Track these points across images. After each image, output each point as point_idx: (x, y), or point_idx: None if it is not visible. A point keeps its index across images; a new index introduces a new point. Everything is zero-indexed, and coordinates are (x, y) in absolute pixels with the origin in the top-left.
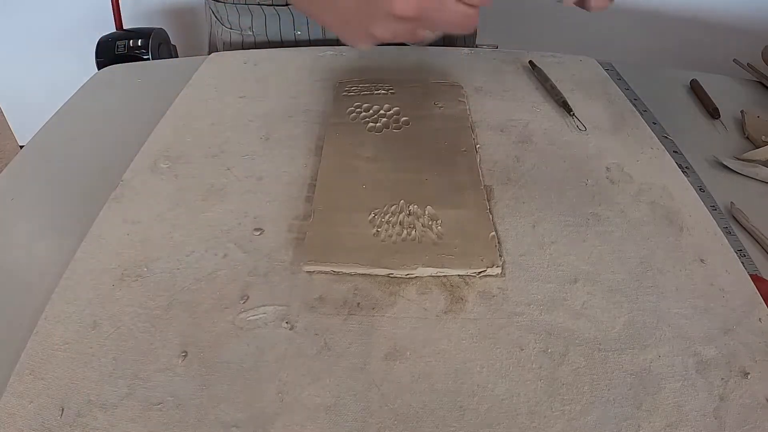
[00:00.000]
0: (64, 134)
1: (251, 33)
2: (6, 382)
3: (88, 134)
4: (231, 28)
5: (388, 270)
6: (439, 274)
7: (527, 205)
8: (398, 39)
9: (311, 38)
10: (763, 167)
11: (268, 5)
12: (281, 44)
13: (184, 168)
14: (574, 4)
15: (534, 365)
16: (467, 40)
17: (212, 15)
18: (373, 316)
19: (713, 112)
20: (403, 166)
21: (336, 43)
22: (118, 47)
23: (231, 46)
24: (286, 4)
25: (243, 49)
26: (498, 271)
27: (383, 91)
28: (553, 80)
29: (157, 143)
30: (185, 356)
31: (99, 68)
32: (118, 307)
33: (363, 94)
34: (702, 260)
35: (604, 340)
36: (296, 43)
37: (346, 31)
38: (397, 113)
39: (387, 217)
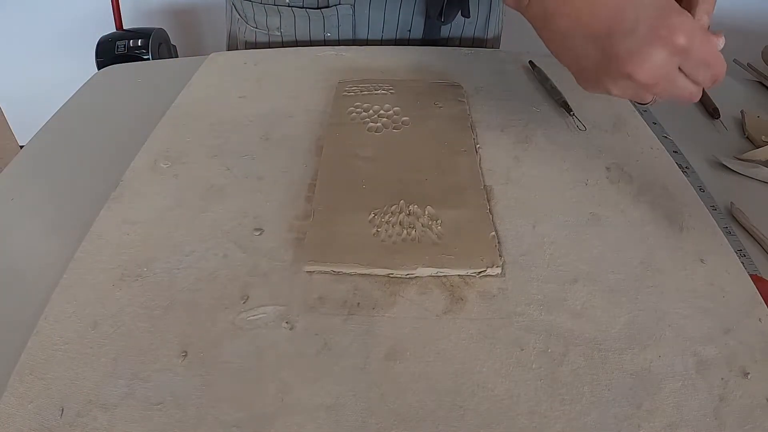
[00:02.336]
0: (64, 134)
1: (279, 33)
2: (6, 382)
3: (88, 134)
4: (257, 28)
5: (388, 270)
6: (439, 274)
7: (527, 205)
8: (626, 97)
9: (340, 39)
10: (763, 167)
11: (299, 7)
12: (310, 45)
13: (184, 168)
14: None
15: (534, 365)
16: (494, 45)
17: (237, 14)
18: (373, 316)
19: (713, 112)
20: (403, 166)
21: (345, 43)
22: (118, 47)
23: (256, 46)
24: (318, 7)
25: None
26: (498, 271)
27: (383, 91)
28: (553, 80)
29: (157, 143)
30: (185, 356)
31: (99, 68)
32: (118, 307)
33: (363, 94)
34: (702, 260)
35: (604, 340)
36: (324, 43)
37: (580, 77)
38: (397, 113)
39: (387, 217)
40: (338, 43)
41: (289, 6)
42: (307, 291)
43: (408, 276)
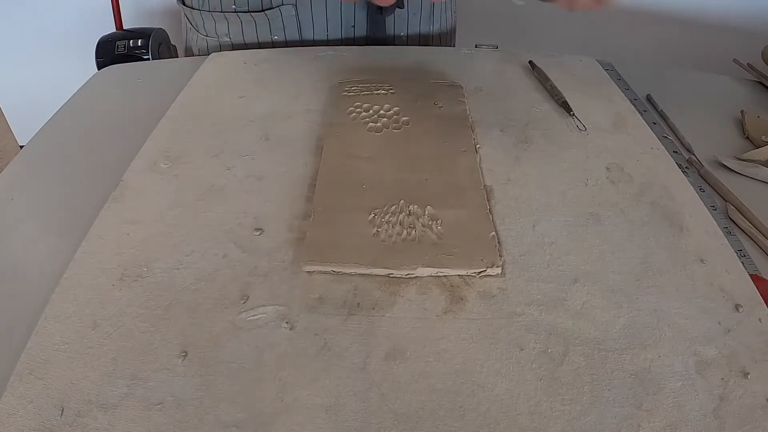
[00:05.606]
0: (64, 134)
1: (228, 39)
2: (6, 382)
3: (88, 134)
4: (207, 35)
5: (388, 270)
6: (439, 274)
7: (527, 205)
8: None
9: (288, 41)
10: (763, 167)
11: (244, 12)
12: (258, 48)
13: (184, 168)
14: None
15: (534, 365)
16: (446, 41)
17: (189, 23)
18: (373, 316)
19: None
20: (403, 166)
21: (292, 44)
22: (118, 47)
23: (207, 53)
24: (262, 10)
25: None
26: (498, 271)
27: (383, 91)
28: (553, 80)
29: (157, 143)
30: (185, 356)
31: (99, 68)
32: (118, 307)
33: (363, 94)
34: (702, 260)
35: (604, 340)
36: (272, 45)
37: None
38: (397, 113)
39: (387, 217)
40: (286, 44)
41: (234, 12)
42: (307, 291)
43: (408, 276)
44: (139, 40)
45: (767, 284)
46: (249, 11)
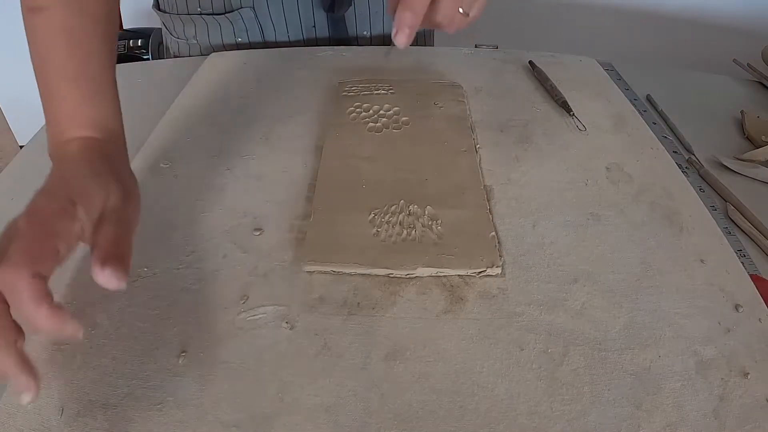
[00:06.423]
0: None
1: (196, 42)
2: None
3: None
4: (178, 38)
5: (388, 270)
6: (439, 274)
7: (527, 205)
8: None
9: (252, 42)
10: (763, 167)
11: (208, 14)
12: (223, 50)
13: (184, 168)
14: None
15: (534, 365)
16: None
17: (164, 27)
18: (373, 316)
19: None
20: (403, 166)
21: (256, 46)
22: (118, 47)
23: (180, 55)
24: (224, 13)
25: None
26: (498, 271)
27: (383, 91)
28: (553, 80)
29: (157, 143)
30: (185, 356)
31: None
32: (118, 307)
33: (363, 94)
34: (702, 260)
35: (604, 340)
36: (237, 47)
37: None
38: (397, 113)
39: (387, 217)
40: (250, 46)
41: (200, 14)
42: (307, 291)
43: (408, 276)
44: (139, 40)
45: (767, 284)
46: (212, 14)
